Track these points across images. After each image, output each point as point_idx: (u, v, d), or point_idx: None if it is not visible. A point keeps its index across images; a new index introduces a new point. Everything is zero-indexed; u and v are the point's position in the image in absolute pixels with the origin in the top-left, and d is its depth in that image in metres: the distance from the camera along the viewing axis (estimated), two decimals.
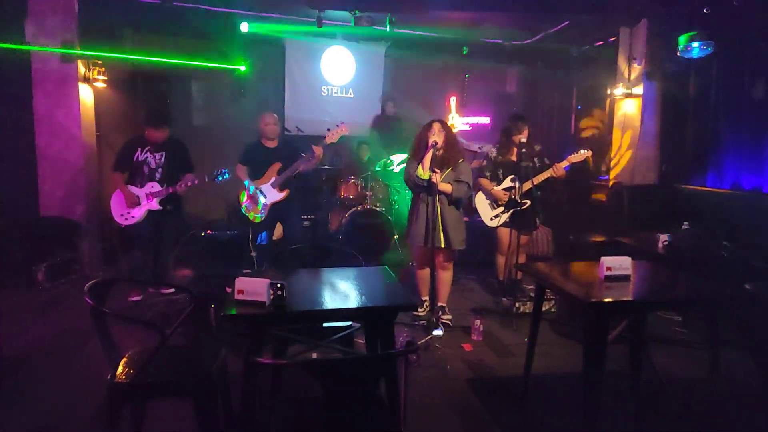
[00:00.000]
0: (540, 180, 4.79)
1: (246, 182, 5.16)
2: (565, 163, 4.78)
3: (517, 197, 4.82)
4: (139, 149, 4.97)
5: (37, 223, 5.85)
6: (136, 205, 4.95)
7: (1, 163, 5.80)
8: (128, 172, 5.00)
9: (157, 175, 5.00)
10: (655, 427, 3.06)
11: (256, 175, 5.14)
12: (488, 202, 5.11)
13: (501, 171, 5.03)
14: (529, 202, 4.88)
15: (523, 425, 3.13)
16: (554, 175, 4.76)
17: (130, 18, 6.80)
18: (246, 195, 5.19)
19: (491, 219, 5.06)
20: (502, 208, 4.99)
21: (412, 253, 5.72)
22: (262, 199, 5.10)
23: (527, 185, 4.81)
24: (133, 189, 4.97)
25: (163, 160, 5.01)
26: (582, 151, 4.82)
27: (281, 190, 5.08)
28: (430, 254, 4.36)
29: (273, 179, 5.06)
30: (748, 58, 5.15)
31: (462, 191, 4.37)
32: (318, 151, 4.94)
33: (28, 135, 5.85)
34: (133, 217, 4.96)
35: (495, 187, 5.00)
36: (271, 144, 5.15)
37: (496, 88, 9.24)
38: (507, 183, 4.98)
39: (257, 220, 5.17)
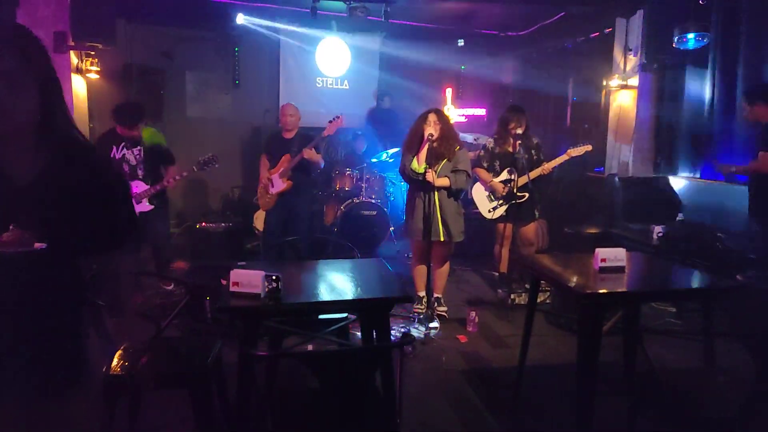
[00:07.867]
0: (533, 176, 4.83)
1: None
2: (558, 161, 4.90)
3: (514, 190, 4.79)
4: (114, 147, 4.58)
5: None
6: None
7: None
8: None
9: (140, 173, 4.68)
10: (649, 418, 3.08)
11: (273, 165, 5.16)
12: (486, 193, 5.09)
13: (498, 162, 5.02)
14: (527, 195, 4.89)
15: (517, 416, 3.15)
16: (543, 173, 4.88)
17: (123, 8, 6.74)
18: (260, 184, 5.22)
19: (489, 211, 5.05)
20: (500, 200, 4.99)
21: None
22: (270, 189, 5.11)
23: (523, 179, 4.77)
24: None
25: (141, 155, 4.69)
26: (581, 145, 4.88)
27: (285, 180, 5.08)
28: (428, 249, 4.31)
29: (281, 170, 5.07)
30: (743, 49, 5.15)
31: (461, 182, 4.29)
32: (307, 154, 4.93)
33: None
34: None
35: (493, 180, 4.98)
36: (289, 135, 5.14)
37: (492, 79, 9.21)
38: (504, 175, 4.96)
39: (266, 209, 5.22)
